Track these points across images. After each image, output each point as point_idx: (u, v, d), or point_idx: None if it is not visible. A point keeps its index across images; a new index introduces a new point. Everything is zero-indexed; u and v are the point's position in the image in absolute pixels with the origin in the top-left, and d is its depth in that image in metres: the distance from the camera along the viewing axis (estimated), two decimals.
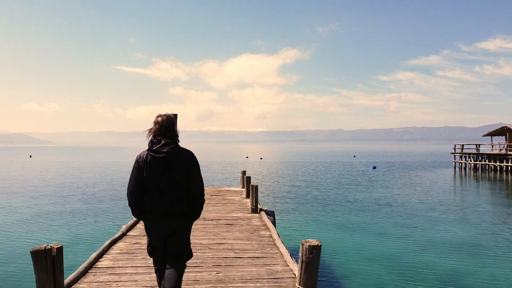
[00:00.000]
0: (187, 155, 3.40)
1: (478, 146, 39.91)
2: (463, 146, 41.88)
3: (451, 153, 46.57)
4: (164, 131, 3.35)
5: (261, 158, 74.23)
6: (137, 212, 3.41)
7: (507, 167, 34.08)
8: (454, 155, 43.65)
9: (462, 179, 31.04)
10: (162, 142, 3.31)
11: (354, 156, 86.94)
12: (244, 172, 13.26)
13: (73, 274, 4.33)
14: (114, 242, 5.93)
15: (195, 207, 3.42)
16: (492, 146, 39.61)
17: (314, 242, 3.60)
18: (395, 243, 10.17)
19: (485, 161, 37.85)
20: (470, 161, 40.26)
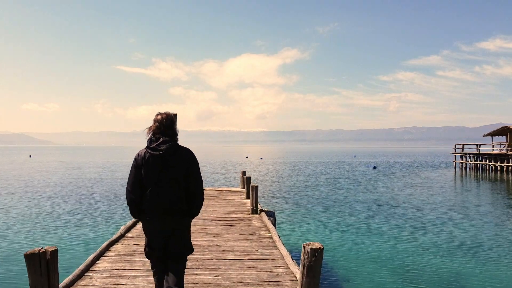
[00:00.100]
0: (186, 153, 3.37)
1: (478, 146, 39.83)
2: (463, 146, 41.80)
3: (451, 153, 46.46)
4: (163, 129, 3.33)
5: (261, 158, 74.16)
6: (135, 211, 3.37)
7: (508, 167, 34.00)
8: (455, 155, 43.56)
9: (463, 179, 30.95)
10: (161, 140, 3.29)
11: (354, 156, 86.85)
12: (244, 173, 13.17)
13: (69, 277, 4.24)
14: (112, 243, 5.84)
15: (194, 205, 3.39)
16: (492, 146, 39.54)
17: (316, 245, 3.48)
18: (397, 244, 10.08)
19: (485, 161, 37.76)
20: (471, 161, 40.18)
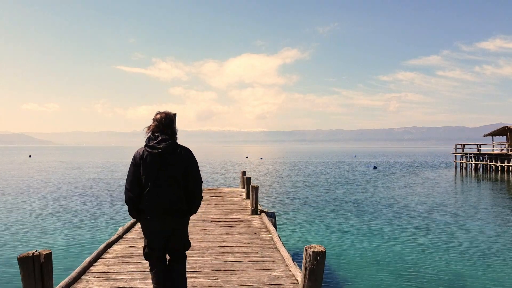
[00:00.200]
0: (185, 152, 3.36)
1: (479, 146, 39.73)
2: (464, 146, 41.70)
3: (452, 153, 46.36)
4: (162, 128, 3.34)
5: (261, 158, 74.06)
6: (133, 209, 3.33)
7: (509, 167, 33.90)
8: (455, 155, 43.46)
9: (464, 180, 30.84)
10: (159, 138, 3.28)
11: (355, 156, 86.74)
12: (244, 173, 13.07)
13: (65, 280, 4.15)
14: (110, 245, 5.74)
15: (192, 204, 3.40)
16: (493, 146, 39.43)
17: (318, 248, 3.34)
18: (398, 246, 9.98)
19: (486, 161, 37.66)
20: (471, 161, 40.08)
